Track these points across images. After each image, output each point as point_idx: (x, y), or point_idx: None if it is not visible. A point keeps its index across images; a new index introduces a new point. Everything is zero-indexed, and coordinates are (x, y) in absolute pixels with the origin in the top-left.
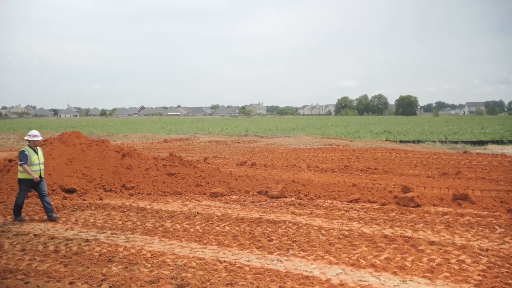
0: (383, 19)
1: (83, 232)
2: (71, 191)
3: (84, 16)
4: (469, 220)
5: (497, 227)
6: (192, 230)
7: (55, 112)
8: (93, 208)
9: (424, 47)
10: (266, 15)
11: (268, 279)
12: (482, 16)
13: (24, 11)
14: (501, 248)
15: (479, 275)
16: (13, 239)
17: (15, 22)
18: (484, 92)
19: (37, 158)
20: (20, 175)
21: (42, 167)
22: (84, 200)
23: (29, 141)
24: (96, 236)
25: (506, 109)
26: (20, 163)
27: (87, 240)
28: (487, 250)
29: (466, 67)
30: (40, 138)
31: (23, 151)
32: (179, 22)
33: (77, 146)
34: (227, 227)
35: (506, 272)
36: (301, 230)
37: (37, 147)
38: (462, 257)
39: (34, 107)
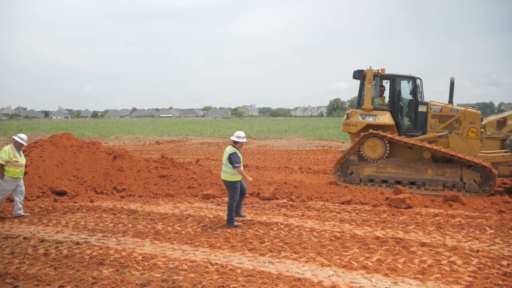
0: (375, 21)
1: (74, 234)
2: (61, 193)
3: (74, 17)
4: (460, 221)
5: (487, 228)
6: (183, 232)
7: (46, 113)
8: (84, 210)
9: (415, 48)
10: (257, 16)
11: (259, 281)
12: (471, 18)
13: (17, 12)
14: (491, 249)
15: (469, 276)
16: (2, 242)
17: (5, 23)
18: (474, 93)
19: None
20: (236, 177)
21: None
22: (75, 202)
23: (235, 142)
24: (87, 238)
25: (496, 111)
26: (237, 165)
27: (77, 243)
28: (477, 251)
29: (456, 68)
30: (245, 140)
31: (236, 153)
32: (170, 22)
33: (68, 148)
34: (218, 229)
35: (497, 273)
36: (293, 232)
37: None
38: (453, 258)
39: (25, 109)
